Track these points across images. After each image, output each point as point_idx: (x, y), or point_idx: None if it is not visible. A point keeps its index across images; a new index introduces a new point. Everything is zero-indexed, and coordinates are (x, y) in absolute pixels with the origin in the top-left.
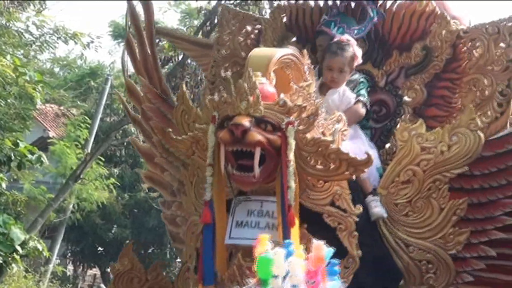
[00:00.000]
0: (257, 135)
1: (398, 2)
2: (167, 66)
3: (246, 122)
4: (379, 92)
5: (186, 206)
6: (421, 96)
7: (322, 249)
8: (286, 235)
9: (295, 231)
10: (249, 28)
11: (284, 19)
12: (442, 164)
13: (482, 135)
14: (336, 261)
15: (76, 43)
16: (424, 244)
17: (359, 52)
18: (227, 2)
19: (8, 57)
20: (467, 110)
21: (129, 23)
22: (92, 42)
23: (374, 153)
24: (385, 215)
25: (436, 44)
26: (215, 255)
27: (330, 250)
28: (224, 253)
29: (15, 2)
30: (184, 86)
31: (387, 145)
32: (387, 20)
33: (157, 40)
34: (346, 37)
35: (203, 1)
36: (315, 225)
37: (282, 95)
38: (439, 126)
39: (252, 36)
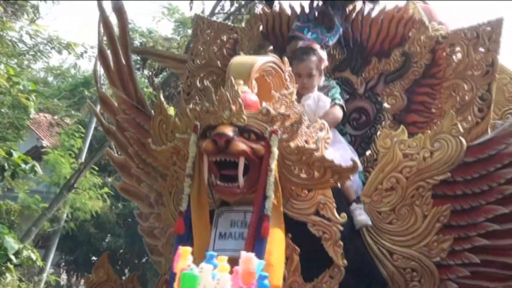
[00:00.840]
0: (241, 145)
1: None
2: (160, 76)
3: (229, 131)
4: (359, 99)
5: (165, 217)
6: (401, 103)
7: (252, 262)
8: (258, 245)
9: (276, 241)
10: (224, 37)
11: (260, 28)
12: (425, 171)
13: (464, 141)
14: (266, 274)
15: (69, 53)
16: (408, 252)
17: (324, 54)
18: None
19: (2, 66)
20: (449, 115)
21: (102, 32)
22: (85, 52)
23: (356, 160)
24: (370, 223)
25: (415, 50)
26: None
27: (261, 263)
28: None
29: (9, 11)
30: (161, 96)
31: (368, 152)
32: (365, 26)
33: None
34: (308, 42)
35: (197, 10)
36: (300, 235)
37: (264, 104)
38: (420, 132)
39: (228, 45)
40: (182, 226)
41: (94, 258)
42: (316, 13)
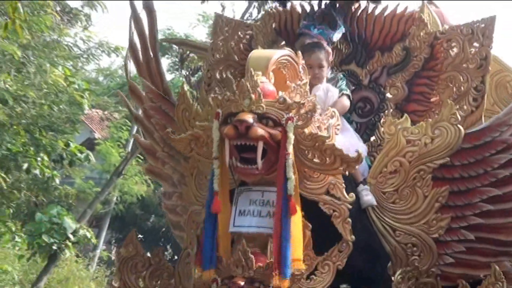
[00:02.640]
0: (260, 130)
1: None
2: (196, 75)
3: (249, 118)
4: (363, 90)
5: (187, 196)
6: (402, 93)
7: None
8: (285, 223)
9: (296, 218)
10: (241, 34)
11: (274, 25)
12: (426, 156)
13: (462, 128)
14: None
15: (117, 55)
16: (410, 229)
17: (329, 48)
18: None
19: (60, 68)
20: (448, 105)
21: (133, 29)
22: None
23: (362, 146)
24: (375, 203)
25: (415, 45)
26: (215, 242)
27: None
28: (229, 240)
29: (65, 20)
30: (185, 86)
31: (372, 138)
32: (369, 23)
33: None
34: (312, 37)
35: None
36: (312, 213)
37: (281, 93)
38: (419, 120)
39: (244, 41)
40: (219, 204)
41: (140, 236)
42: (320, 13)
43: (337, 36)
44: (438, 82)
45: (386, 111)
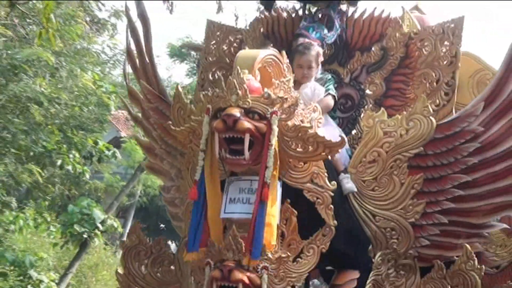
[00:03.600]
0: (246, 124)
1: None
2: None
3: (236, 112)
4: (345, 87)
5: (183, 189)
6: (381, 89)
7: None
8: (261, 208)
9: (272, 207)
10: (231, 38)
11: (262, 29)
12: (402, 146)
13: (434, 120)
14: None
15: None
16: (388, 214)
17: (320, 50)
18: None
19: (89, 73)
20: (421, 99)
21: (130, 37)
22: None
23: (344, 138)
24: (355, 190)
25: (391, 45)
26: (201, 227)
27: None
28: (220, 226)
29: (93, 29)
30: (179, 87)
31: (353, 132)
32: (349, 26)
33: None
34: (309, 39)
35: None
36: (297, 200)
37: (266, 89)
38: (396, 114)
39: (235, 44)
40: (196, 192)
41: (162, 225)
42: (320, 15)
43: (332, 38)
44: (413, 78)
45: (366, 106)
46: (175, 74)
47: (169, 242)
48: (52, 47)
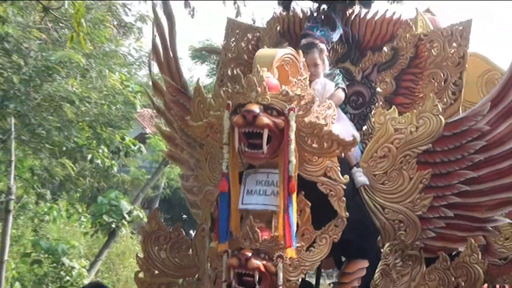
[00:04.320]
0: (265, 119)
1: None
2: None
3: (256, 108)
4: (357, 85)
5: (202, 178)
6: (391, 87)
7: None
8: (289, 200)
9: (294, 197)
10: (250, 36)
11: (278, 28)
12: (411, 142)
13: (443, 118)
14: None
15: None
16: (397, 207)
17: (323, 46)
18: None
19: (117, 74)
20: (431, 98)
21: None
22: None
23: (356, 134)
24: (367, 183)
25: (401, 45)
26: (229, 218)
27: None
28: (238, 216)
29: (121, 32)
30: (199, 82)
31: (364, 127)
32: (362, 26)
33: None
34: (314, 37)
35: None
36: (311, 192)
37: (284, 87)
38: (406, 111)
39: (253, 42)
40: (226, 185)
41: (184, 216)
42: (323, 16)
43: (336, 36)
44: (422, 78)
45: (376, 104)
46: (197, 75)
47: (191, 232)
48: (82, 50)
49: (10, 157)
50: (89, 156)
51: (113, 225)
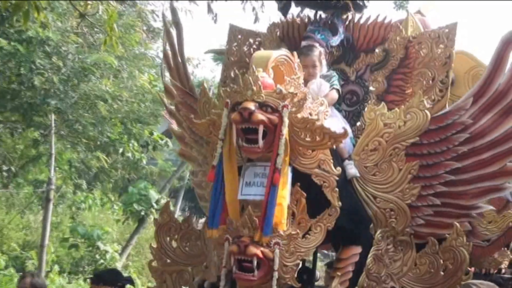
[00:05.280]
0: (260, 116)
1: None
2: None
3: (251, 106)
4: (351, 84)
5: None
6: (382, 86)
7: None
8: (272, 191)
9: (280, 189)
10: (251, 40)
11: (278, 33)
12: (400, 136)
13: (428, 113)
14: None
15: (189, 64)
16: (388, 196)
17: (322, 50)
18: None
19: (145, 74)
20: (417, 95)
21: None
22: (199, 63)
23: (348, 128)
24: (358, 175)
25: (392, 47)
26: (219, 207)
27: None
28: (237, 206)
29: (149, 36)
30: (205, 84)
31: (358, 123)
32: (355, 30)
33: None
34: (314, 40)
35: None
36: (306, 184)
37: (278, 85)
38: (396, 108)
39: (254, 46)
40: (213, 175)
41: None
42: (325, 21)
43: (336, 41)
44: (411, 77)
45: (369, 101)
46: (218, 75)
47: None
48: (115, 52)
49: (50, 150)
50: (121, 150)
51: (143, 213)
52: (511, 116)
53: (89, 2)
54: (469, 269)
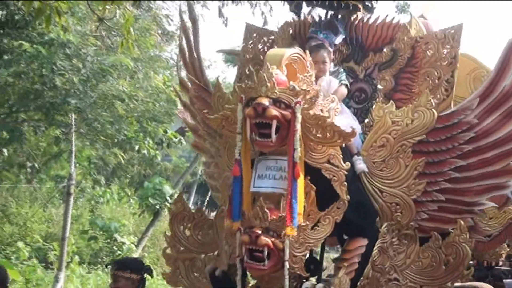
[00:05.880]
0: (274, 111)
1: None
2: None
3: (265, 101)
4: (360, 82)
5: (221, 165)
6: (390, 85)
7: None
8: (294, 184)
9: (300, 181)
10: (265, 38)
11: (290, 32)
12: (407, 133)
13: (435, 112)
14: None
15: None
16: (394, 191)
17: (330, 49)
18: None
19: (160, 75)
20: (425, 94)
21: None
22: (211, 64)
23: (357, 125)
24: (366, 170)
25: (400, 47)
26: (241, 199)
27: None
28: (249, 198)
29: (164, 39)
30: (219, 79)
31: (366, 120)
32: (364, 30)
33: None
34: (318, 40)
35: None
36: (316, 177)
37: (291, 82)
38: (403, 106)
39: (268, 44)
40: (238, 169)
41: None
42: (327, 22)
43: (338, 40)
44: (418, 76)
45: (377, 99)
46: (229, 76)
47: None
48: (131, 55)
49: (71, 147)
50: (137, 147)
51: (157, 207)
52: None
53: (107, 6)
54: (471, 261)
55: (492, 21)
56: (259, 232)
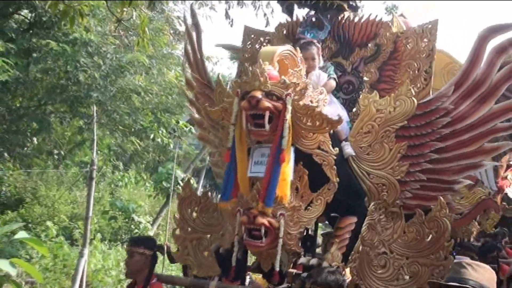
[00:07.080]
0: (266, 103)
1: (357, 14)
2: None
3: (259, 94)
4: (347, 75)
5: (223, 154)
6: (375, 76)
7: None
8: (276, 169)
9: (285, 166)
10: (262, 39)
11: (284, 32)
12: (390, 120)
13: (415, 100)
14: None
15: (209, 62)
16: (380, 173)
17: (319, 45)
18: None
19: (172, 71)
20: (405, 84)
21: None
22: (218, 61)
23: (344, 113)
24: (354, 154)
25: (383, 42)
26: (231, 183)
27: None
28: (247, 182)
29: (175, 38)
30: (220, 77)
31: (354, 109)
32: (351, 27)
33: None
34: (309, 38)
35: None
36: (308, 162)
37: (283, 77)
38: (387, 95)
39: (264, 44)
40: (228, 156)
41: None
42: (313, 19)
43: (324, 34)
44: (400, 68)
45: (363, 90)
46: (234, 72)
47: None
48: (146, 52)
49: (93, 136)
50: (152, 136)
51: (170, 190)
52: (487, 102)
53: (124, 9)
54: None
55: (492, 20)
56: (257, 212)
